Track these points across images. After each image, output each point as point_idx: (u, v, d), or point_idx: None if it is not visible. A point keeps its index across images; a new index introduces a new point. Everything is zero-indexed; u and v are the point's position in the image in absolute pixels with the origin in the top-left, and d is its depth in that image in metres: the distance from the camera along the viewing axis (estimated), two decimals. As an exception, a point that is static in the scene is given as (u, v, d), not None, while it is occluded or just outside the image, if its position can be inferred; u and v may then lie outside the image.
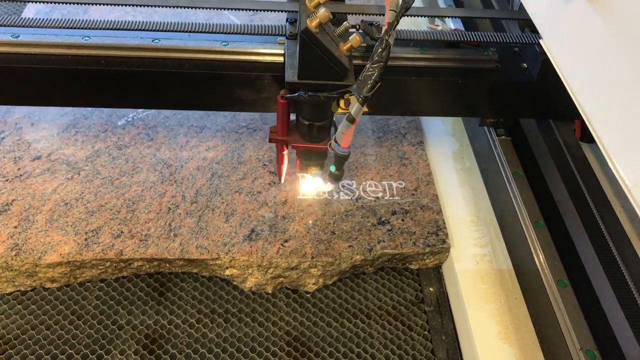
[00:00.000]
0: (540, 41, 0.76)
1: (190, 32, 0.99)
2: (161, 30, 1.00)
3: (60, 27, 1.00)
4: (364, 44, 0.96)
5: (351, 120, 0.83)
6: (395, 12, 0.82)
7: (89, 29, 1.00)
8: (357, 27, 0.95)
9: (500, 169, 1.13)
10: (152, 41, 1.01)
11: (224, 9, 1.06)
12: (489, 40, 1.04)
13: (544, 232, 1.02)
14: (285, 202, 1.17)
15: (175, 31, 0.99)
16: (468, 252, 1.12)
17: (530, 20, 0.84)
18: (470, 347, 1.01)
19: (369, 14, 1.03)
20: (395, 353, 1.04)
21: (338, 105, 0.96)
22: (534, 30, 1.08)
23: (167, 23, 0.99)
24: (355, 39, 0.86)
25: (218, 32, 1.00)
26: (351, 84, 0.84)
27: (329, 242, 1.10)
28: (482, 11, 1.27)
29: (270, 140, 0.99)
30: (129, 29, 1.00)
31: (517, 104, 1.11)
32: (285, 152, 1.04)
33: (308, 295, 1.11)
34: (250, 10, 1.05)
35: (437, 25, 1.18)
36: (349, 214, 1.15)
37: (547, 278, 0.95)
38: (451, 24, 1.21)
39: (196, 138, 1.28)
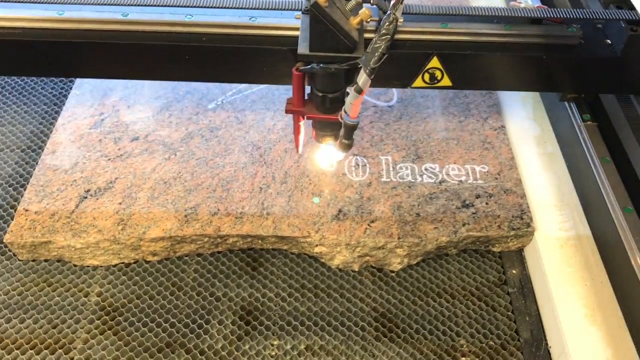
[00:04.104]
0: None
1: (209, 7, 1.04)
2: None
3: (166, 6, 1.05)
4: (375, 19, 0.99)
5: (359, 90, 0.87)
6: None
7: (192, 7, 1.05)
8: (371, 1, 0.97)
9: (586, 154, 1.14)
10: (250, 19, 1.05)
11: None
12: (572, 16, 1.05)
13: (634, 217, 1.02)
14: (370, 184, 1.20)
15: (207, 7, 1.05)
16: (552, 236, 1.14)
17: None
18: (556, 329, 1.03)
19: None
20: (480, 332, 1.07)
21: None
22: (620, 7, 1.08)
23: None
24: (364, 12, 0.89)
25: (238, 8, 1.04)
26: (360, 56, 0.88)
27: (414, 223, 1.13)
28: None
29: (287, 111, 1.02)
30: (226, 7, 1.05)
31: (600, 79, 1.12)
32: (301, 123, 1.06)
33: (393, 274, 1.15)
34: None
35: (520, 3, 1.18)
36: (433, 196, 1.18)
37: (638, 262, 0.96)
38: (530, 1, 1.22)
39: (282, 121, 1.33)
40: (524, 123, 1.35)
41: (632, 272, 0.97)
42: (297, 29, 1.03)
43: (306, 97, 1.01)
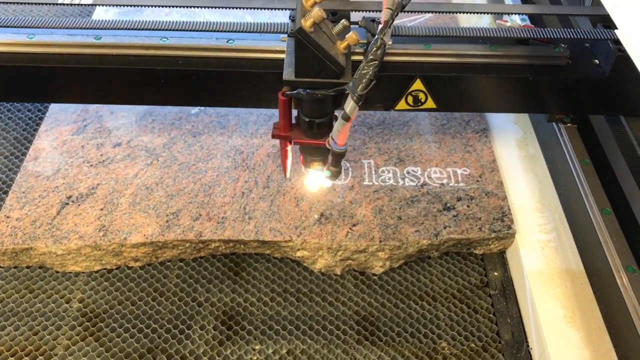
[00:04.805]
0: (616, 32, 0.77)
1: (195, 30, 1.03)
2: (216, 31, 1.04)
3: (136, 29, 1.04)
4: (364, 41, 0.96)
5: (346, 118, 0.83)
6: (392, 10, 0.81)
7: (167, 30, 1.04)
8: (359, 23, 0.95)
9: (566, 156, 1.14)
10: (227, 42, 1.05)
11: (228, 7, 1.09)
12: (559, 36, 1.04)
13: (612, 218, 1.03)
14: (352, 187, 1.21)
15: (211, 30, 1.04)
16: (533, 238, 1.14)
17: (603, 16, 0.83)
18: (536, 330, 1.03)
19: (370, 11, 1.04)
20: (462, 334, 1.07)
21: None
22: (607, 26, 1.08)
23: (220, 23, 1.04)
24: (351, 37, 0.86)
25: (226, 31, 1.03)
26: (347, 82, 0.84)
27: (395, 226, 1.14)
28: (552, 7, 1.27)
29: (273, 136, 1.00)
30: (202, 30, 1.04)
31: (589, 100, 1.10)
32: (288, 148, 1.04)
33: (375, 277, 1.16)
34: (254, 8, 1.06)
35: (506, 21, 1.18)
36: (414, 199, 1.19)
37: (615, 264, 0.97)
38: (518, 20, 1.21)
39: (265, 126, 1.33)
40: (506, 126, 1.36)
41: (610, 273, 0.97)
42: (275, 51, 1.03)
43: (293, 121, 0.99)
